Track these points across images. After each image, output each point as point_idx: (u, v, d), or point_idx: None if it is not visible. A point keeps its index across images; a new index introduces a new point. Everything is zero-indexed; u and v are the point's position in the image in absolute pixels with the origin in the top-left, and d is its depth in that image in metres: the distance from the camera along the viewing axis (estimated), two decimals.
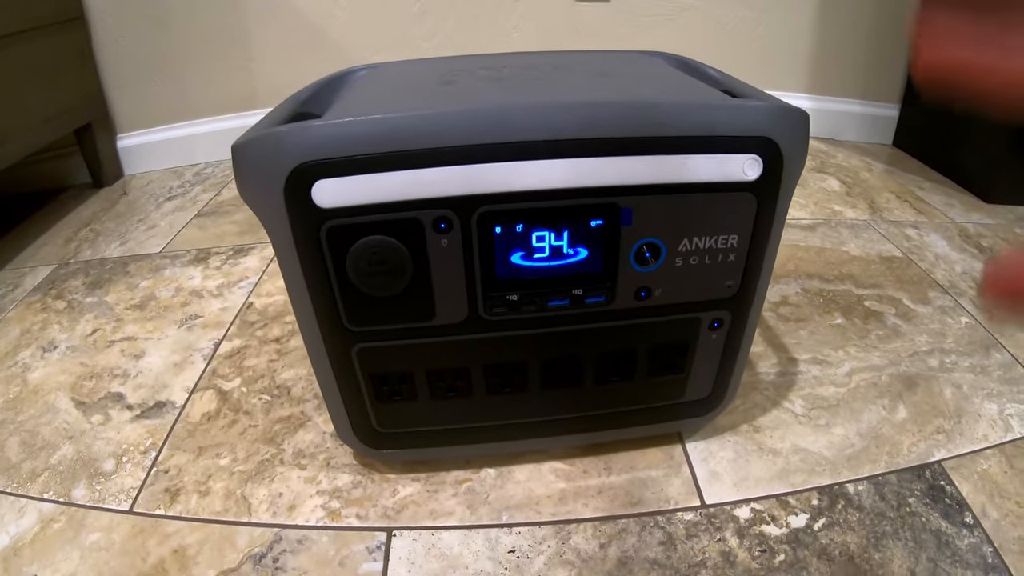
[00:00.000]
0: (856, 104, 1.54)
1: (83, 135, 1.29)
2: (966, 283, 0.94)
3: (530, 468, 0.61)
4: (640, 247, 0.47)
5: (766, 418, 0.67)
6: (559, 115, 0.42)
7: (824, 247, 1.03)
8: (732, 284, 0.51)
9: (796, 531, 0.55)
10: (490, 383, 0.54)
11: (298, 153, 0.41)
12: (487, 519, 0.56)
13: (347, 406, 0.54)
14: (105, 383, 0.74)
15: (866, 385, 0.72)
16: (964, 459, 0.62)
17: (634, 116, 0.43)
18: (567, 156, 0.42)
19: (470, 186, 0.42)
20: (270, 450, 0.64)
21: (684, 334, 0.53)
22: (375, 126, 0.41)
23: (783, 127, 0.46)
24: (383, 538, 0.54)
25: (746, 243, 0.49)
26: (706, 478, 0.60)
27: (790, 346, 0.78)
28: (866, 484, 0.60)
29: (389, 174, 0.41)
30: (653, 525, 0.55)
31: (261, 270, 0.97)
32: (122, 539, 0.55)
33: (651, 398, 0.58)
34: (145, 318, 0.86)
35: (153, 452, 0.64)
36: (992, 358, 0.77)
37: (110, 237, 1.11)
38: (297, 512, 0.57)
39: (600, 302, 0.49)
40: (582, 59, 0.61)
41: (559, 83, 0.51)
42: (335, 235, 0.43)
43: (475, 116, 0.42)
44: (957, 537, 0.54)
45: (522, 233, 0.45)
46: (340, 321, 0.48)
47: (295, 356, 0.77)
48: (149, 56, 1.34)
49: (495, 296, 0.48)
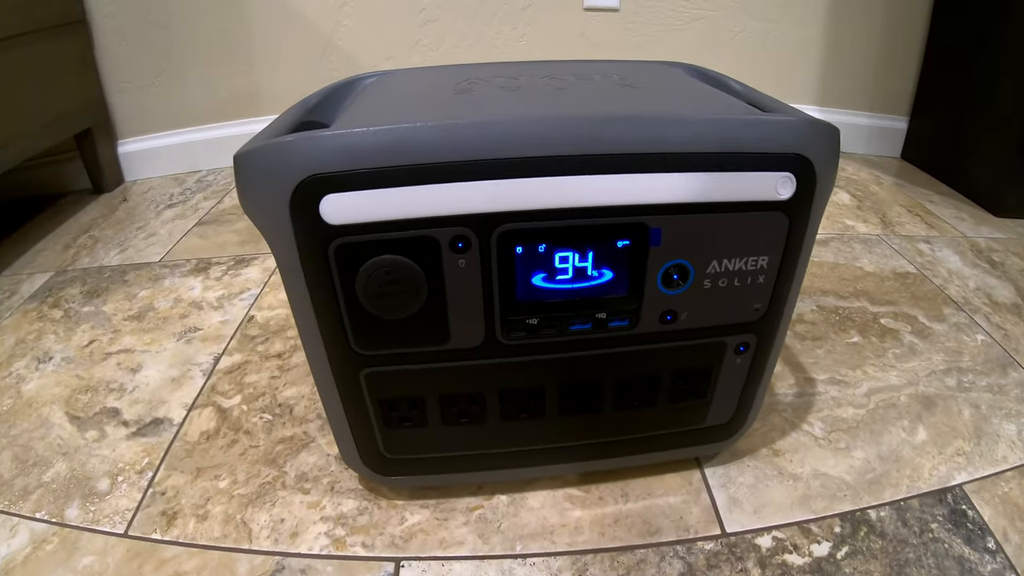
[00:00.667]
0: (864, 116, 1.53)
1: (83, 140, 1.27)
2: (980, 299, 0.92)
3: (544, 495, 0.58)
4: (668, 269, 0.45)
5: (785, 441, 0.65)
6: (586, 128, 0.40)
7: (838, 262, 1.02)
8: (760, 307, 0.49)
9: (819, 560, 0.53)
10: (505, 409, 0.51)
11: (306, 165, 0.39)
12: (500, 549, 0.54)
13: (353, 431, 0.52)
14: (101, 397, 0.72)
15: (885, 406, 0.70)
16: (985, 482, 0.61)
17: (665, 131, 0.40)
18: (594, 172, 0.40)
19: (490, 203, 0.40)
20: (271, 472, 0.61)
21: (709, 359, 0.51)
22: (389, 137, 0.39)
23: (816, 143, 0.44)
24: (391, 568, 0.52)
25: (776, 264, 0.47)
26: (726, 505, 0.58)
27: (807, 366, 0.76)
28: (888, 509, 0.58)
29: (403, 189, 0.39)
30: (673, 555, 0.53)
31: (263, 281, 0.95)
32: (116, 564, 0.53)
33: (672, 423, 0.56)
34: (143, 329, 0.84)
35: (149, 472, 0.62)
36: (1009, 377, 0.76)
37: (109, 244, 1.09)
38: (300, 539, 0.54)
39: (624, 326, 0.47)
40: (602, 68, 0.59)
41: (581, 94, 0.49)
42: (344, 253, 0.41)
43: (496, 128, 0.40)
44: (980, 563, 0.53)
45: (544, 253, 0.43)
46: (348, 344, 0.45)
47: (298, 373, 0.75)
48: (151, 61, 1.32)
49: (514, 320, 0.46)
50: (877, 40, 1.45)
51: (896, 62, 1.47)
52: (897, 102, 1.51)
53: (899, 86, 1.50)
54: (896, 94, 1.51)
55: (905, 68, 1.48)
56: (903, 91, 1.50)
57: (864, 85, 1.50)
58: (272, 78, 1.38)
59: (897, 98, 1.51)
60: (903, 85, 1.49)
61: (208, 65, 1.35)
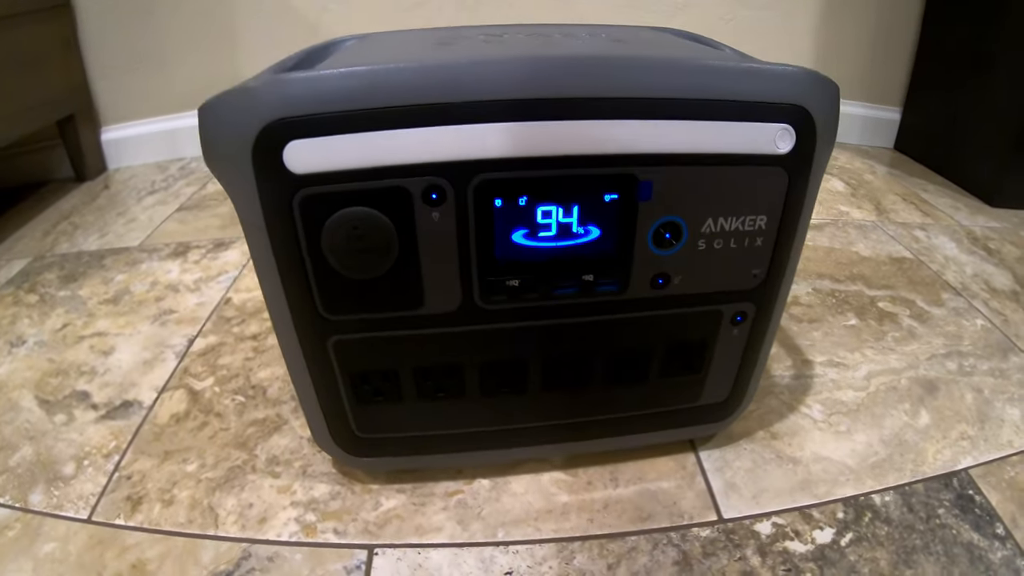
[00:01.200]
0: (858, 107, 1.51)
1: (66, 127, 1.24)
2: (977, 285, 0.90)
3: (528, 479, 0.55)
4: (659, 227, 0.42)
5: (783, 424, 0.62)
6: (572, 69, 0.37)
7: (833, 247, 0.99)
8: (758, 273, 0.46)
9: (822, 547, 0.50)
10: (485, 383, 0.48)
11: (270, 109, 0.35)
12: (480, 536, 0.50)
13: (324, 408, 0.48)
14: (71, 380, 0.69)
15: (886, 389, 0.68)
16: (991, 466, 0.59)
17: (658, 75, 0.37)
18: (580, 117, 0.37)
19: (466, 150, 0.37)
20: (241, 456, 0.58)
21: (704, 329, 0.48)
22: (359, 78, 0.35)
23: (816, 96, 0.42)
24: (364, 556, 0.49)
25: (775, 226, 0.44)
26: (722, 490, 0.55)
27: (804, 348, 0.74)
28: (892, 494, 0.55)
29: (373, 134, 0.36)
30: (666, 543, 0.50)
31: (241, 264, 0.92)
32: (78, 550, 0.50)
33: (664, 401, 0.52)
34: (118, 313, 0.81)
35: (116, 456, 0.59)
36: (1010, 361, 0.73)
37: (89, 231, 1.07)
38: (268, 526, 0.51)
39: (612, 291, 0.44)
40: (591, 29, 0.56)
41: (568, 46, 0.46)
42: (310, 205, 0.38)
43: (475, 68, 0.36)
44: (990, 550, 0.50)
45: (526, 207, 0.39)
46: (315, 308, 0.42)
47: (273, 354, 0.72)
48: (136, 47, 1.29)
49: (493, 281, 0.42)
50: (870, 30, 1.44)
51: (889, 52, 1.45)
52: (890, 93, 1.50)
53: (892, 77, 1.48)
54: (889, 85, 1.49)
55: (898, 59, 1.46)
56: (896, 82, 1.48)
57: (857, 75, 1.48)
58: (256, 63, 1.34)
59: (890, 89, 1.50)
60: (896, 76, 1.48)
61: (192, 51, 1.32)
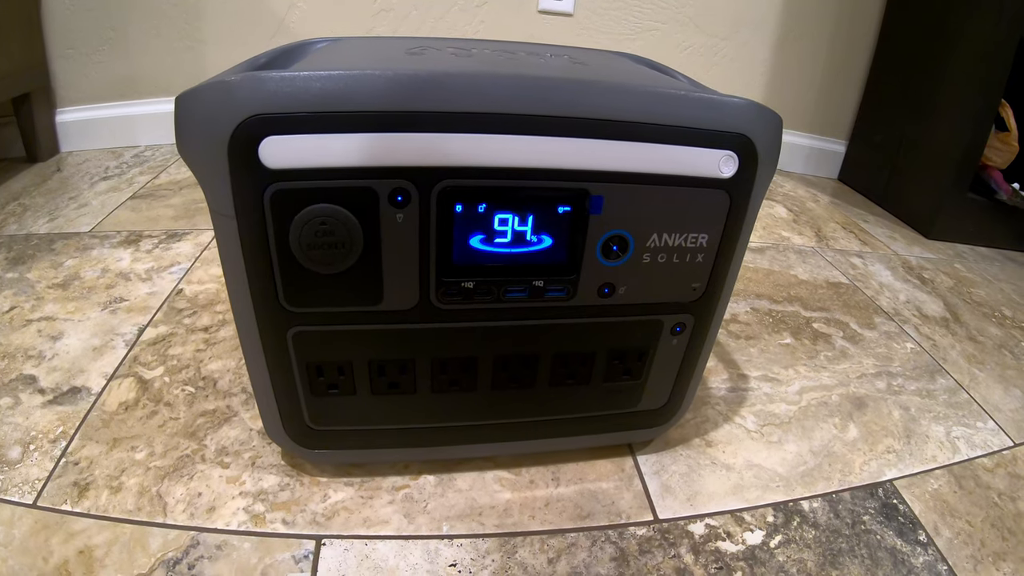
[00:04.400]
0: (805, 137, 1.58)
1: (20, 105, 1.20)
2: (909, 311, 0.95)
3: (473, 476, 0.57)
4: (608, 239, 0.44)
5: (718, 433, 0.65)
6: (536, 89, 0.39)
7: (773, 269, 1.04)
8: (698, 287, 0.49)
9: (752, 548, 0.53)
10: (436, 380, 0.50)
11: (249, 104, 0.37)
12: (426, 529, 0.52)
13: (278, 398, 0.49)
14: (18, 364, 0.68)
15: (816, 404, 0.72)
16: (915, 479, 0.63)
17: (614, 99, 0.40)
18: (540, 134, 0.39)
19: (433, 156, 0.39)
20: (191, 445, 0.58)
21: (645, 337, 0.51)
22: (336, 82, 0.37)
23: (760, 126, 0.45)
24: (311, 547, 0.50)
25: (715, 244, 0.47)
26: (658, 492, 0.57)
27: (741, 363, 0.77)
28: (820, 501, 0.58)
29: (346, 136, 0.37)
30: (604, 540, 0.52)
31: (194, 256, 0.91)
32: (23, 535, 0.49)
33: (605, 405, 0.55)
34: (67, 298, 0.80)
35: (63, 441, 0.58)
36: (937, 383, 0.78)
37: (38, 213, 1.04)
38: (217, 515, 0.52)
39: (561, 296, 0.46)
40: (554, 49, 0.59)
41: (532, 65, 0.49)
42: (280, 200, 0.39)
43: (447, 81, 0.39)
44: (912, 555, 0.54)
45: (484, 214, 0.42)
46: (277, 299, 0.43)
47: (224, 347, 0.72)
48: (99, 29, 1.27)
49: (449, 282, 0.44)
50: (821, 66, 1.51)
51: (838, 88, 1.53)
52: (837, 126, 1.57)
53: (840, 111, 1.55)
54: (836, 118, 1.56)
55: (846, 94, 1.53)
56: (843, 116, 1.56)
57: (806, 107, 1.55)
58: (220, 56, 1.34)
59: (837, 122, 1.57)
60: (844, 110, 1.55)
61: (156, 37, 1.30)
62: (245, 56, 0.45)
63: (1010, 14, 1.13)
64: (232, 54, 1.32)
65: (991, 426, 0.72)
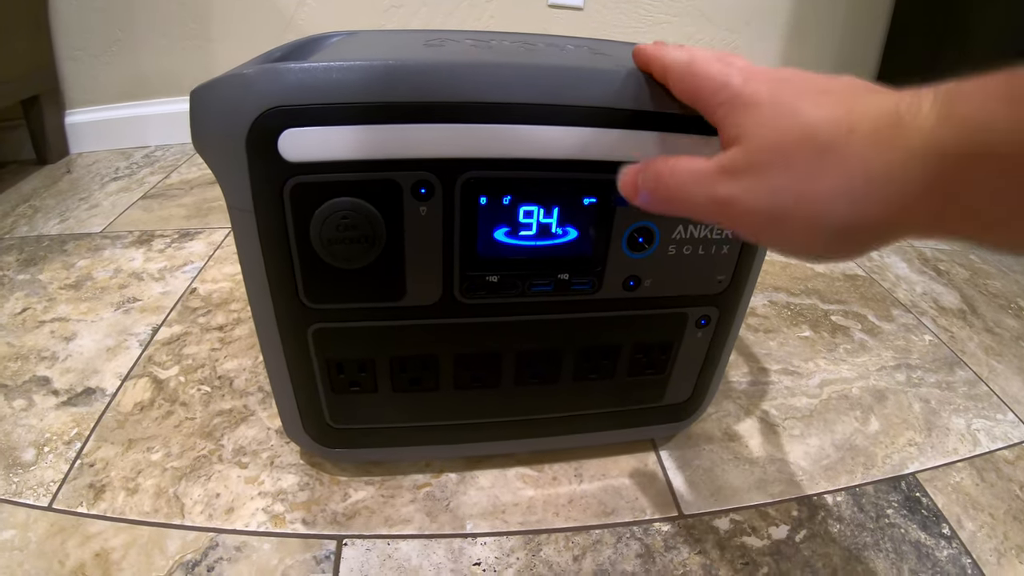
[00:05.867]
0: None
1: (30, 107, 1.21)
2: (927, 303, 0.94)
3: (495, 474, 0.57)
4: (633, 231, 0.43)
5: (740, 427, 0.65)
6: (562, 78, 0.38)
7: (790, 262, 1.03)
8: (723, 279, 0.48)
9: (778, 543, 0.52)
10: (459, 376, 0.49)
11: (268, 96, 0.36)
12: (449, 528, 0.51)
13: (298, 397, 0.49)
14: (31, 365, 0.68)
15: (837, 397, 0.71)
16: (937, 471, 0.62)
17: (640, 88, 0.39)
18: (565, 124, 0.38)
19: (457, 148, 0.38)
20: (208, 446, 0.58)
21: (670, 330, 0.50)
22: (356, 73, 0.36)
23: None
24: (332, 547, 0.49)
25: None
26: (682, 487, 0.57)
27: (760, 356, 0.77)
28: (844, 495, 0.58)
29: (368, 127, 0.37)
30: (629, 536, 0.52)
31: (207, 255, 0.91)
32: (39, 538, 0.49)
33: (629, 400, 0.54)
34: (79, 299, 0.80)
35: (78, 443, 0.58)
36: (956, 375, 0.77)
37: (49, 214, 1.04)
38: (236, 515, 0.51)
39: (586, 289, 0.45)
40: (573, 41, 0.58)
41: (553, 55, 0.48)
42: (300, 194, 0.38)
43: (471, 70, 0.38)
44: (936, 548, 0.53)
45: (509, 206, 0.41)
46: (297, 296, 0.43)
47: (239, 345, 0.71)
48: (107, 30, 1.27)
49: (474, 276, 0.43)
50: (832, 59, 1.50)
51: None
52: None
53: None
54: None
55: None
56: None
57: None
58: (229, 55, 1.33)
59: None
60: None
61: (164, 38, 1.30)
62: (254, 54, 0.45)
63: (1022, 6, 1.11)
64: (241, 53, 1.31)
65: (1011, 418, 0.71)
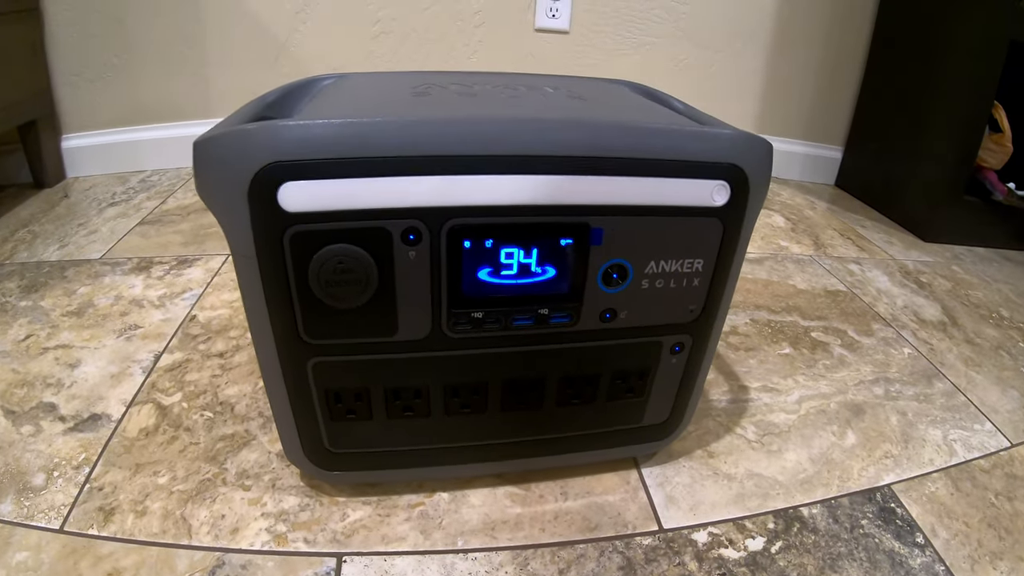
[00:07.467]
0: (801, 145, 1.60)
1: (27, 133, 1.22)
2: (907, 316, 0.97)
3: (485, 492, 0.59)
4: (608, 268, 0.47)
5: (720, 444, 0.67)
6: (536, 131, 0.42)
7: (771, 280, 1.06)
8: (695, 308, 0.51)
9: (754, 554, 0.55)
10: (449, 403, 0.52)
11: (267, 152, 0.39)
12: (442, 544, 0.54)
13: (298, 424, 0.52)
14: (37, 392, 0.70)
15: (815, 412, 0.74)
16: (912, 482, 0.64)
17: (610, 137, 0.43)
18: (541, 173, 0.42)
19: (442, 197, 0.41)
20: (212, 469, 0.60)
21: (646, 357, 0.53)
22: (349, 129, 0.40)
23: (750, 155, 0.47)
24: (333, 564, 0.52)
25: (710, 268, 0.49)
26: (663, 503, 0.59)
27: (740, 374, 0.79)
28: (820, 507, 0.60)
29: (360, 180, 0.40)
30: (612, 550, 0.54)
31: (206, 282, 0.93)
32: (51, 560, 0.51)
33: (610, 422, 0.57)
34: (82, 326, 0.82)
35: (87, 468, 0.60)
36: (935, 387, 0.80)
37: (48, 240, 1.06)
38: (240, 535, 0.54)
39: (565, 322, 0.49)
40: (553, 82, 0.62)
41: (533, 102, 0.51)
42: (299, 241, 0.42)
43: (452, 126, 0.41)
44: (910, 557, 0.56)
45: (491, 249, 0.44)
46: (297, 333, 0.46)
47: (240, 372, 0.74)
48: (103, 55, 1.29)
49: (460, 313, 0.47)
50: (816, 74, 1.53)
51: (833, 95, 1.55)
52: (833, 133, 1.59)
53: (835, 118, 1.58)
54: (832, 125, 1.59)
55: (841, 101, 1.56)
56: (839, 123, 1.58)
57: (802, 115, 1.58)
58: (224, 80, 1.36)
59: (833, 129, 1.59)
60: (839, 117, 1.57)
61: (160, 63, 1.33)
62: (249, 80, 0.48)
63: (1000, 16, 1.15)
64: (236, 78, 1.35)
65: (988, 428, 0.74)
